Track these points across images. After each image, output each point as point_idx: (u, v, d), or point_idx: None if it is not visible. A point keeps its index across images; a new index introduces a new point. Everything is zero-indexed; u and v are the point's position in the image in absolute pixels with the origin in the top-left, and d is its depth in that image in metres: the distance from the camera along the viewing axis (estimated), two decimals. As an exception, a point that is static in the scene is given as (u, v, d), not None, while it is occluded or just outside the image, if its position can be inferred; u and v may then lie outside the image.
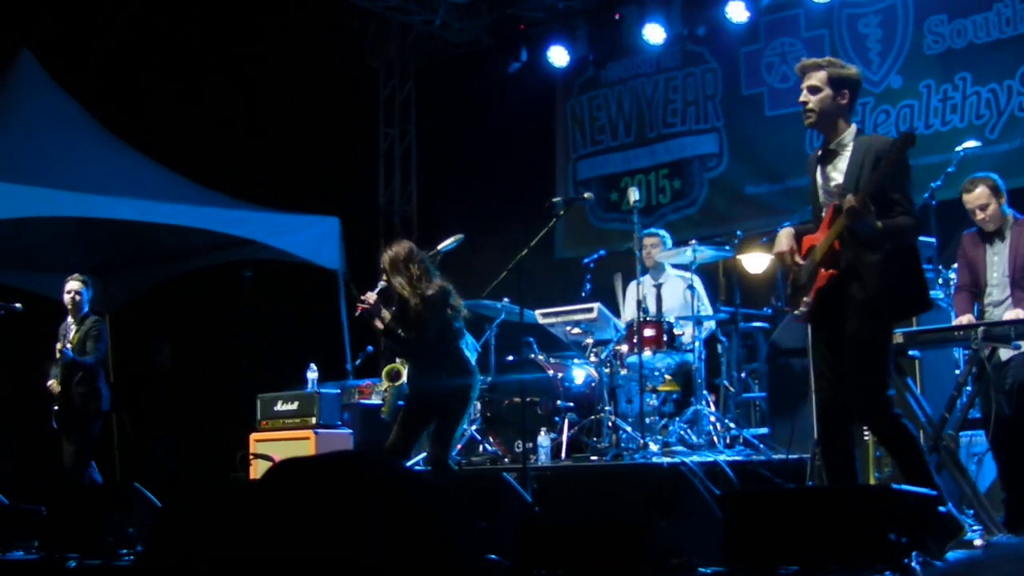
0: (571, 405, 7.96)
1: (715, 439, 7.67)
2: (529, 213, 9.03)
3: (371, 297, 6.44)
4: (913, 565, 3.86)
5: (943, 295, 6.63)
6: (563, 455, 7.67)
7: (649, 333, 7.84)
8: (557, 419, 7.89)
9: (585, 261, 8.84)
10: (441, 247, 7.92)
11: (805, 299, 4.90)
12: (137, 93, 11.68)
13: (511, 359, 8.48)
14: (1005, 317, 5.87)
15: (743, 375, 8.58)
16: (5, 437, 10.63)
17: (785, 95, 10.41)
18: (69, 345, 8.51)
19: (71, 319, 8.72)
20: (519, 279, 6.89)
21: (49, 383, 8.62)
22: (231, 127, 11.69)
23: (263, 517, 2.45)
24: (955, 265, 6.38)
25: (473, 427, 8.40)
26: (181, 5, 11.64)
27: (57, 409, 8.58)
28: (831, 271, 4.80)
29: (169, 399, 11.33)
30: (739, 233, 8.40)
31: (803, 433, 7.20)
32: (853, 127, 4.91)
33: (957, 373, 6.30)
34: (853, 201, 4.62)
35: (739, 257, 8.29)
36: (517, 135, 11.93)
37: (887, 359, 4.78)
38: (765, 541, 4.21)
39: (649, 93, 11.41)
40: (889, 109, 9.61)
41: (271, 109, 11.97)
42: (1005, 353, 5.85)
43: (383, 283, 6.48)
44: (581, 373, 8.17)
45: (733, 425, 7.86)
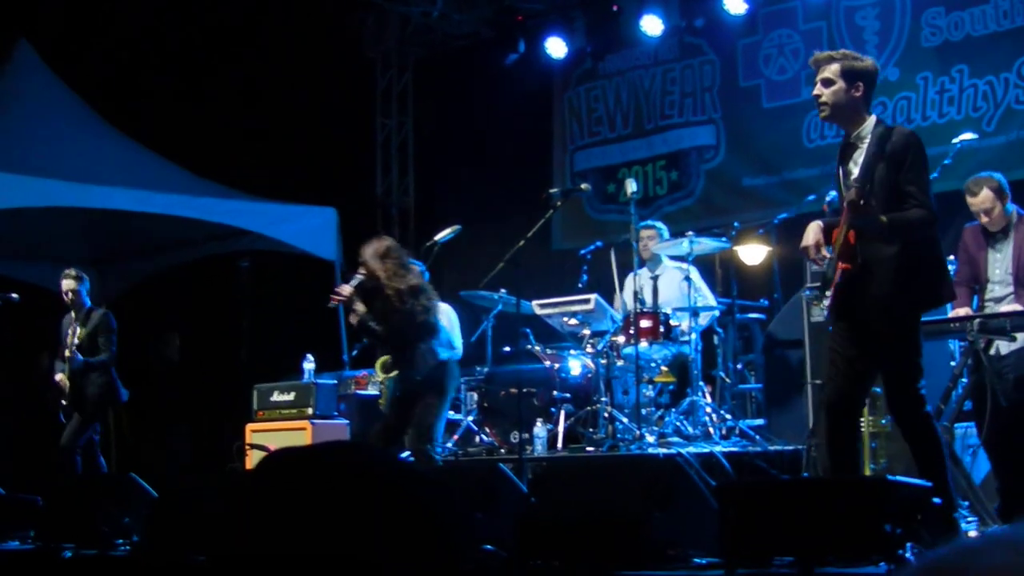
0: (567, 396, 7.96)
1: (711, 430, 7.68)
2: (526, 204, 9.04)
3: (345, 290, 6.67)
4: (908, 556, 3.87)
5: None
6: (559, 446, 7.67)
7: (646, 324, 7.84)
8: (553, 410, 7.89)
9: (582, 252, 8.84)
10: (438, 238, 7.94)
11: (827, 292, 4.88)
12: (134, 83, 11.66)
13: (508, 350, 8.48)
14: (1002, 310, 5.87)
15: (739, 366, 8.58)
16: (2, 428, 10.61)
17: (783, 87, 10.42)
18: (76, 342, 8.39)
19: (73, 314, 8.62)
20: (516, 270, 6.91)
21: (58, 377, 8.50)
22: (229, 117, 11.67)
23: (252, 509, 2.44)
24: (951, 257, 6.38)
25: (469, 417, 8.42)
26: (178, -4, 11.64)
27: (65, 403, 8.49)
28: (846, 265, 4.77)
29: (181, 390, 11.32)
30: (736, 225, 8.40)
31: (799, 424, 7.22)
32: (872, 119, 4.84)
33: (953, 365, 6.30)
34: (852, 196, 4.62)
35: (736, 249, 8.29)
36: (515, 126, 11.91)
37: (913, 354, 4.68)
38: (761, 532, 4.21)
39: (647, 85, 11.40)
40: (886, 101, 9.60)
41: (269, 99, 11.96)
42: (1004, 346, 5.85)
43: (360, 276, 6.63)
44: (578, 364, 8.18)
45: (729, 416, 7.87)
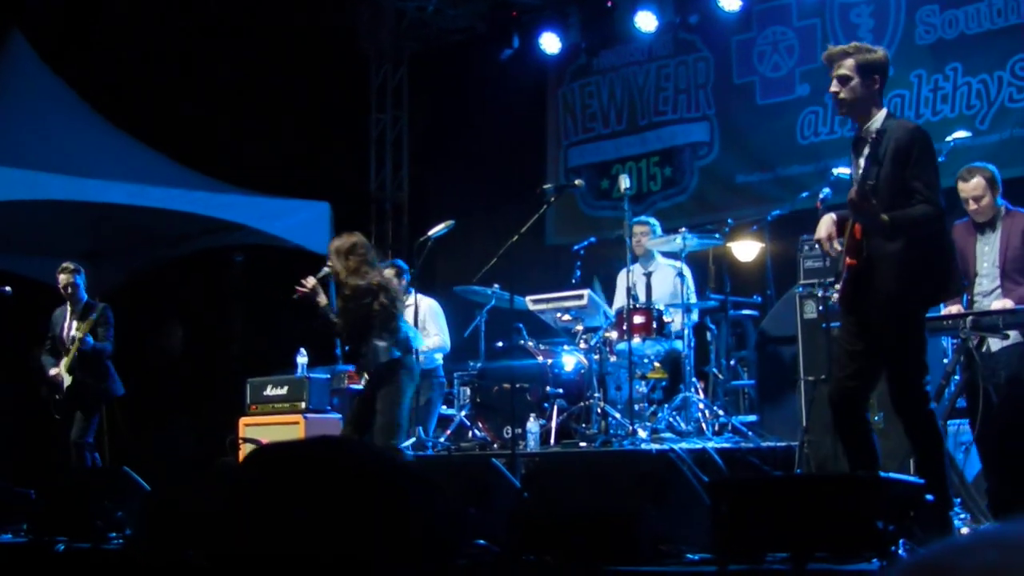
0: (560, 391, 7.96)
1: (704, 426, 7.68)
2: (520, 200, 9.03)
3: (310, 281, 6.77)
4: (901, 553, 3.88)
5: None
6: (552, 441, 7.67)
7: (639, 320, 7.84)
8: (546, 405, 7.89)
9: (575, 248, 8.83)
10: (432, 233, 7.95)
11: (837, 285, 4.88)
12: (128, 77, 11.63)
13: (501, 345, 8.48)
14: (993, 307, 5.89)
15: (732, 363, 8.58)
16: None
17: (777, 84, 10.42)
18: (76, 335, 8.32)
19: (70, 308, 8.56)
20: (509, 265, 6.92)
21: (54, 372, 8.42)
22: (222, 111, 11.65)
23: (239, 506, 2.44)
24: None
25: (462, 413, 8.42)
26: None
27: (59, 398, 8.42)
28: (852, 260, 4.77)
29: (184, 382, 11.30)
30: (730, 221, 8.40)
31: (791, 420, 7.23)
32: (883, 112, 4.81)
33: (945, 362, 6.32)
34: (852, 194, 4.62)
35: (729, 245, 8.29)
36: (509, 122, 11.90)
37: (917, 350, 4.69)
38: (753, 528, 4.22)
39: (641, 81, 11.41)
40: (880, 99, 9.61)
41: (263, 94, 11.93)
42: (995, 344, 5.87)
43: (326, 268, 6.80)
44: (571, 360, 8.17)
45: (722, 412, 7.87)
